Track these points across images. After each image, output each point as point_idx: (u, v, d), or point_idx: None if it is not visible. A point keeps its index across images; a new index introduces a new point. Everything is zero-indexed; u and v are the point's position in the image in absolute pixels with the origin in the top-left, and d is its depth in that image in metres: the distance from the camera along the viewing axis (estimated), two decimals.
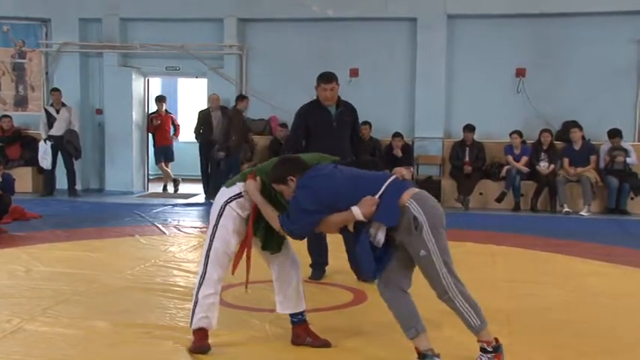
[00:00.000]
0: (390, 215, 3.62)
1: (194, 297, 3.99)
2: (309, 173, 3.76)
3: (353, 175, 3.77)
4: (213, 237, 3.97)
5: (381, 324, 4.54)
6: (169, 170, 12.71)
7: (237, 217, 3.96)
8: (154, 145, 12.78)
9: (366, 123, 10.73)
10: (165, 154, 12.64)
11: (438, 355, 3.75)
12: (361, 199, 3.61)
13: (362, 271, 3.79)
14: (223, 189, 4.11)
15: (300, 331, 4.14)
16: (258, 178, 3.90)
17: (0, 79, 12.62)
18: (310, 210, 3.65)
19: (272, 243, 4.02)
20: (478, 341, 3.76)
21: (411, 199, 3.64)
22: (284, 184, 3.78)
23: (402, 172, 3.82)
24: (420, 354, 3.75)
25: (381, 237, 3.65)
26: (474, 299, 3.76)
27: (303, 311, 4.17)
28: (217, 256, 3.95)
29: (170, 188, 12.55)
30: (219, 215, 3.98)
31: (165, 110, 12.79)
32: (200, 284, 3.97)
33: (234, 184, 4.04)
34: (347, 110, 5.84)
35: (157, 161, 12.75)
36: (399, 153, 10.90)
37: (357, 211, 3.61)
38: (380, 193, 3.62)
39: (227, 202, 3.99)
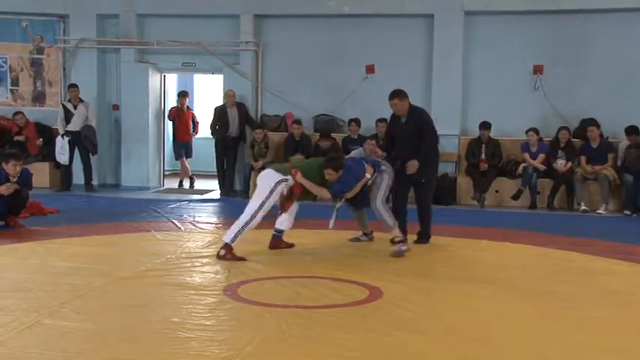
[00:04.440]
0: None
1: (239, 228, 6.31)
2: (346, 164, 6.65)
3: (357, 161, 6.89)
4: (266, 199, 6.34)
5: (395, 322, 4.54)
6: (188, 167, 12.76)
7: (281, 193, 6.44)
8: (174, 141, 12.84)
9: (382, 120, 10.70)
10: (185, 149, 12.69)
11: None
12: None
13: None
14: (271, 171, 6.55)
15: None
16: (299, 171, 6.46)
17: (18, 75, 12.72)
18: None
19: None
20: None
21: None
22: (335, 171, 6.47)
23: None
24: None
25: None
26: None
27: None
28: (264, 212, 6.36)
29: (186, 184, 12.60)
30: (272, 190, 6.36)
31: (187, 106, 12.85)
32: (247, 223, 6.31)
33: (282, 172, 6.46)
34: (412, 119, 7.08)
35: (178, 156, 12.77)
36: None
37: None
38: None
39: (278, 182, 6.39)
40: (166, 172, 13.27)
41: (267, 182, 6.40)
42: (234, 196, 11.41)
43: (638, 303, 5.22)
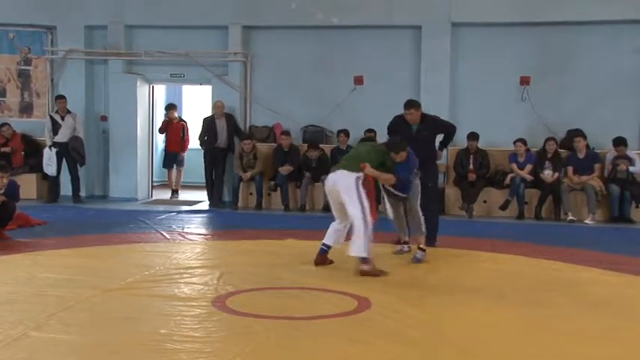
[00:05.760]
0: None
1: (364, 239, 6.12)
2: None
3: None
4: (361, 199, 6.23)
5: (384, 332, 4.54)
6: (174, 179, 12.72)
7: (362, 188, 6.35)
8: (165, 151, 12.83)
9: (371, 130, 10.75)
10: (175, 160, 12.68)
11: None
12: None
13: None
14: (345, 171, 6.38)
15: None
16: (367, 164, 6.38)
17: (5, 86, 12.67)
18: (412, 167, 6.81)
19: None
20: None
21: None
22: (397, 154, 6.54)
23: None
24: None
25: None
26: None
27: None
28: (369, 209, 6.22)
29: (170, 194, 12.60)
30: (357, 187, 6.28)
31: (179, 117, 12.84)
32: (366, 229, 6.13)
33: (354, 170, 6.35)
34: (427, 126, 7.53)
35: (166, 165, 12.81)
36: None
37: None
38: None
39: (357, 179, 6.30)
40: (155, 184, 13.24)
41: (348, 184, 6.30)
42: (222, 207, 11.40)
43: (625, 313, 5.25)
